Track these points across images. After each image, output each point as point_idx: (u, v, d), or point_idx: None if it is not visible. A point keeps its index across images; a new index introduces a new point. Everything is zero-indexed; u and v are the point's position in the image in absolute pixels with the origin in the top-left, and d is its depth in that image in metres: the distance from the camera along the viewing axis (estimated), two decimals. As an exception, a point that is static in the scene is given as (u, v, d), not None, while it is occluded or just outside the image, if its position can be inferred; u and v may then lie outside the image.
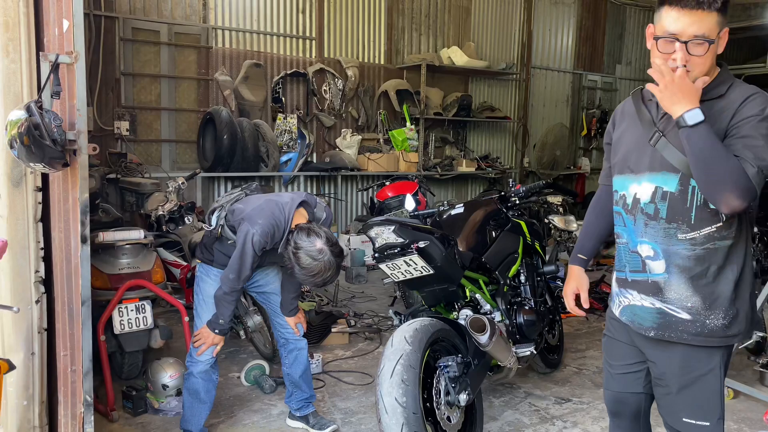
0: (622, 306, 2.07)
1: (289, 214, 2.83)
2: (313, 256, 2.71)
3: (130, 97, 6.66)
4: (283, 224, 2.81)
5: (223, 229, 2.93)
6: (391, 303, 5.71)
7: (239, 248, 2.75)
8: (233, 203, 2.95)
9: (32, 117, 2.17)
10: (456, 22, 9.02)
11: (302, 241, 2.73)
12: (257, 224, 2.73)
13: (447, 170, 8.72)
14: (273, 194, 3.01)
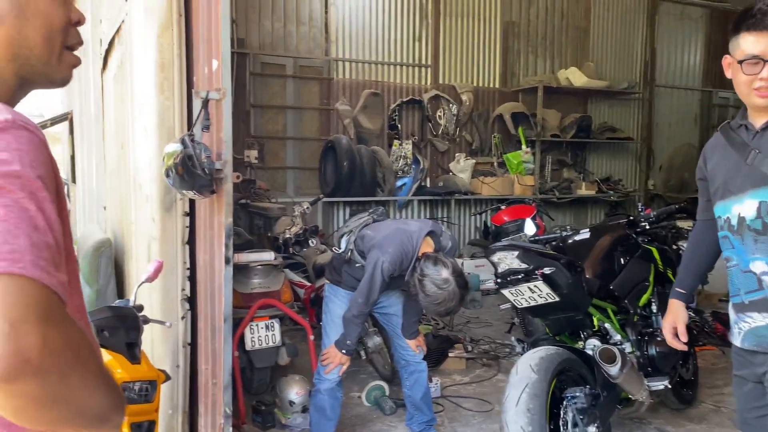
0: (743, 332, 2.00)
1: (417, 242, 2.91)
2: (438, 284, 2.76)
3: (259, 127, 7.10)
4: (411, 252, 2.89)
5: (352, 253, 3.05)
6: (509, 329, 5.61)
7: (369, 274, 2.85)
8: (362, 228, 3.07)
9: (186, 149, 2.39)
10: (574, 42, 8.83)
11: (428, 269, 2.79)
12: (387, 252, 2.83)
13: (565, 193, 8.48)
14: (401, 222, 3.10)
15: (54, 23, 0.90)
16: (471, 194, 7.80)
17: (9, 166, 0.74)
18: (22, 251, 0.69)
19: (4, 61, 0.88)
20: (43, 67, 0.92)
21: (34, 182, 0.75)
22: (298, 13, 7.20)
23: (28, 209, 0.73)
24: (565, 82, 8.31)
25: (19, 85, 0.92)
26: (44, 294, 0.69)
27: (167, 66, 2.83)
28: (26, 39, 0.88)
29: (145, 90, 3.08)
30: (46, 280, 0.70)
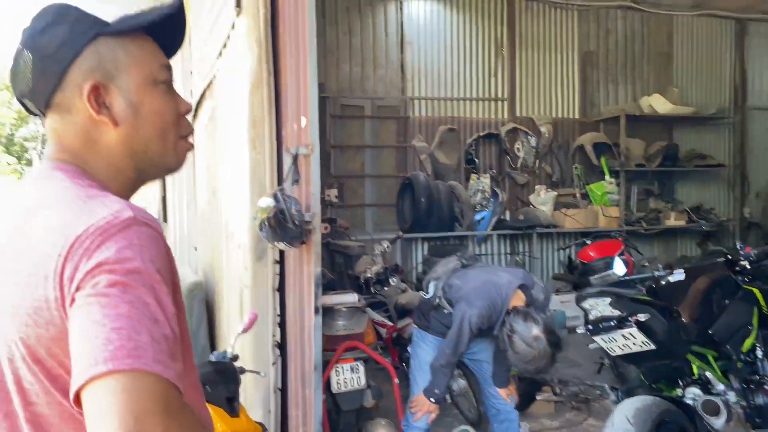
0: None
1: (507, 296, 2.85)
2: (528, 342, 2.68)
3: (338, 166, 7.28)
4: (500, 306, 2.84)
5: (440, 300, 3.04)
6: (598, 370, 5.39)
7: (456, 327, 2.83)
8: (451, 275, 3.06)
9: (278, 204, 2.50)
10: (656, 68, 8.57)
11: (518, 325, 2.71)
12: (475, 306, 2.79)
13: (653, 224, 8.14)
14: (490, 271, 3.02)
15: (166, 119, 0.99)
16: (553, 227, 7.63)
17: (132, 263, 0.80)
18: (145, 347, 0.75)
19: (125, 157, 0.97)
20: (159, 159, 1.00)
21: (153, 276, 0.81)
22: (375, 56, 7.38)
23: (148, 304, 0.79)
24: (649, 110, 8.06)
25: (138, 178, 1.01)
26: (164, 387, 0.74)
27: (258, 123, 2.97)
28: (143, 136, 0.97)
29: (238, 145, 3.25)
30: (166, 374, 0.75)
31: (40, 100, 0.94)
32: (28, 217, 0.88)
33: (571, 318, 6.43)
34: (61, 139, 0.96)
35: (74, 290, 0.79)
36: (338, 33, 7.19)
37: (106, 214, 0.84)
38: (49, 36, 0.92)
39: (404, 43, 7.50)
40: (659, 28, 8.55)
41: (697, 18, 8.63)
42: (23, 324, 0.84)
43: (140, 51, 0.97)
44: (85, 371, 0.73)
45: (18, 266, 0.85)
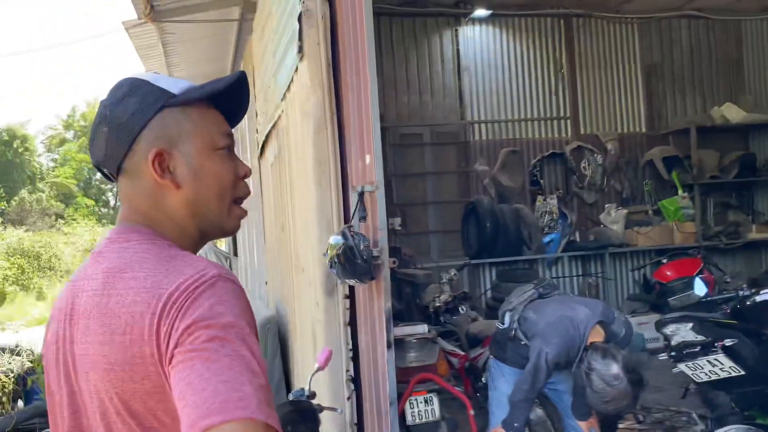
0: None
1: (585, 333, 2.76)
2: (607, 381, 2.56)
3: (400, 194, 7.33)
4: (578, 343, 2.74)
5: (516, 332, 2.99)
6: (683, 395, 5.12)
7: (533, 364, 2.77)
8: (526, 307, 3.00)
9: (347, 241, 2.54)
10: (725, 76, 8.24)
11: (597, 362, 2.59)
12: (551, 344, 2.72)
13: (733, 238, 7.75)
14: (567, 305, 2.90)
15: (225, 181, 1.05)
16: (626, 246, 7.39)
17: (225, 318, 0.86)
18: (250, 397, 0.80)
19: (187, 217, 1.04)
20: (218, 220, 1.06)
21: (245, 329, 0.87)
22: (431, 83, 7.45)
23: (244, 356, 0.84)
24: (721, 120, 7.74)
25: (200, 237, 1.07)
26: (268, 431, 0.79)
27: (324, 162, 3.05)
28: (203, 198, 1.04)
29: (304, 183, 3.34)
30: (270, 421, 0.80)
31: (112, 166, 1.03)
32: (115, 279, 0.94)
33: (651, 340, 6.17)
34: (131, 202, 1.04)
35: (173, 347, 0.85)
36: (395, 63, 7.31)
37: (193, 273, 0.90)
38: (123, 107, 1.01)
39: (461, 68, 7.54)
40: (726, 34, 8.24)
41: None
42: (119, 380, 0.90)
43: (202, 120, 1.04)
44: (197, 422, 0.78)
45: (110, 325, 0.91)
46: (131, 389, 0.89)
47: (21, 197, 23.09)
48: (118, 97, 1.02)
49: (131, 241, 0.99)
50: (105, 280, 0.95)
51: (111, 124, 1.01)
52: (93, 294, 0.95)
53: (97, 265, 0.99)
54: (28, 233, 17.47)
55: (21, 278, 15.32)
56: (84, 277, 1.00)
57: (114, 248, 1.00)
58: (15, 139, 25.45)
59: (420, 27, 7.42)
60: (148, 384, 0.89)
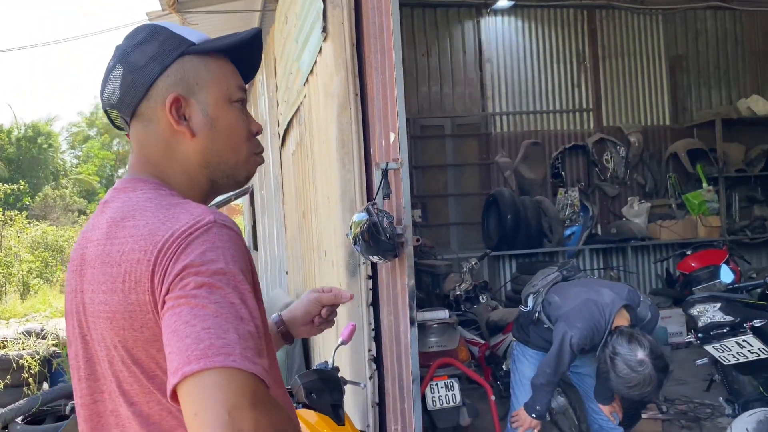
0: None
1: (610, 316, 2.72)
2: (631, 366, 2.52)
3: (421, 186, 7.32)
4: (603, 327, 2.70)
5: (540, 315, 2.97)
6: (707, 388, 5.06)
7: (557, 347, 2.74)
8: (550, 289, 2.98)
9: (371, 217, 2.55)
10: (752, 68, 8.11)
11: (622, 347, 2.56)
12: (576, 327, 2.68)
13: (759, 233, 7.62)
14: (592, 288, 2.85)
15: (239, 134, 1.06)
16: (648, 240, 7.30)
17: (216, 264, 0.85)
18: (233, 345, 0.79)
19: (199, 167, 1.04)
20: (231, 171, 1.07)
21: (237, 276, 0.86)
22: (453, 75, 7.43)
23: (234, 303, 0.83)
24: (747, 112, 7.61)
25: (211, 188, 1.08)
26: (253, 382, 0.78)
27: (347, 142, 3.06)
28: (217, 148, 1.04)
29: (327, 165, 3.35)
30: (254, 369, 0.78)
31: (126, 110, 1.03)
32: (117, 227, 0.94)
33: (674, 334, 6.10)
34: (143, 148, 1.04)
35: (165, 293, 0.85)
36: (416, 54, 7.30)
37: (188, 219, 0.90)
38: (141, 51, 1.01)
39: (483, 60, 7.50)
40: (753, 26, 8.11)
41: (796, 12, 8.12)
42: (120, 328, 0.90)
43: (220, 70, 1.05)
44: (178, 369, 0.77)
45: (112, 273, 0.92)
46: (133, 337, 0.90)
47: (45, 193, 23.45)
48: (136, 41, 1.03)
49: (137, 191, 0.99)
50: (108, 230, 0.95)
51: (128, 67, 1.01)
52: (98, 243, 0.96)
53: (103, 215, 1.00)
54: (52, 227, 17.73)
55: (45, 271, 15.55)
56: (92, 228, 1.01)
57: (120, 197, 1.00)
58: (39, 136, 25.86)
59: (442, 18, 7.40)
60: (147, 332, 0.89)
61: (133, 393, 0.93)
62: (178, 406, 0.79)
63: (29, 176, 24.43)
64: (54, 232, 17.29)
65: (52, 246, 16.50)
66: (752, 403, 2.93)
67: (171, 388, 0.78)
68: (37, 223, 17.49)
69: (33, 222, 17.33)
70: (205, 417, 0.74)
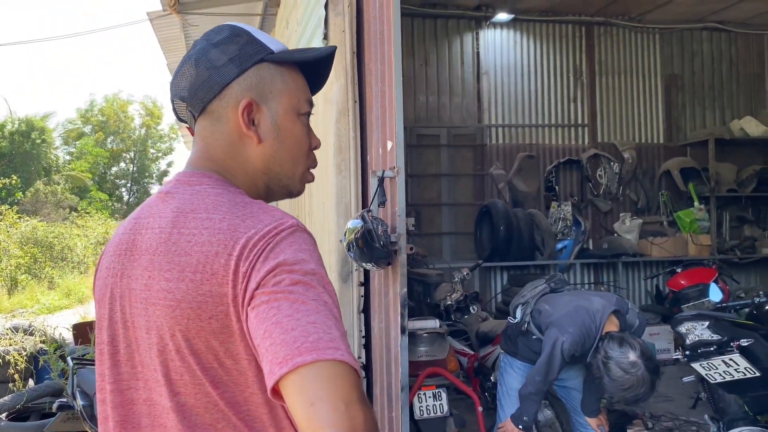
0: None
1: (600, 322, 2.76)
2: (624, 368, 2.57)
3: (415, 195, 7.34)
4: (594, 332, 2.74)
5: (528, 325, 2.99)
6: (693, 405, 5.09)
7: (547, 353, 2.76)
8: (539, 300, 3.01)
9: (366, 224, 2.56)
10: (746, 90, 8.20)
11: (613, 351, 2.61)
12: (567, 332, 2.72)
13: (748, 253, 7.68)
14: (581, 296, 2.93)
15: (302, 147, 1.09)
16: (639, 256, 7.34)
17: (308, 264, 0.88)
18: (339, 340, 0.81)
19: (260, 172, 1.06)
20: (287, 181, 1.09)
21: (325, 278, 0.89)
22: (450, 86, 7.47)
23: (327, 302, 0.86)
24: (740, 133, 7.69)
25: (266, 194, 1.09)
26: (358, 378, 0.81)
27: (344, 148, 3.08)
28: (280, 157, 1.06)
29: (324, 171, 3.36)
30: (356, 365, 0.81)
31: (197, 104, 1.04)
32: (186, 218, 0.95)
33: (662, 351, 6.12)
34: (207, 145, 1.05)
35: (254, 287, 0.86)
36: (414, 64, 7.34)
37: (270, 220, 0.92)
38: (221, 51, 1.02)
39: (480, 73, 7.55)
40: (748, 48, 8.21)
41: (791, 36, 8.23)
42: (184, 317, 0.90)
43: (293, 82, 1.07)
44: (288, 360, 0.78)
45: (179, 262, 0.92)
46: (197, 327, 0.90)
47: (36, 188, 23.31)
48: (217, 40, 1.04)
49: (203, 185, 1.00)
50: (175, 218, 0.96)
51: (206, 64, 1.02)
52: (160, 231, 0.96)
53: (165, 204, 1.00)
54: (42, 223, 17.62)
55: (33, 267, 15.44)
56: (149, 215, 1.01)
57: (185, 189, 1.00)
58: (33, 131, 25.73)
59: (441, 28, 7.45)
60: (215, 323, 0.89)
61: (181, 383, 0.93)
62: (278, 400, 0.81)
63: (21, 171, 24.28)
64: (44, 228, 17.18)
65: (41, 242, 16.39)
66: (737, 422, 2.95)
67: (278, 377, 0.79)
68: (27, 218, 17.37)
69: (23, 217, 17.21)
70: (324, 407, 0.75)
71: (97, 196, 28.54)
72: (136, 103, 32.55)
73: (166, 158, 33.18)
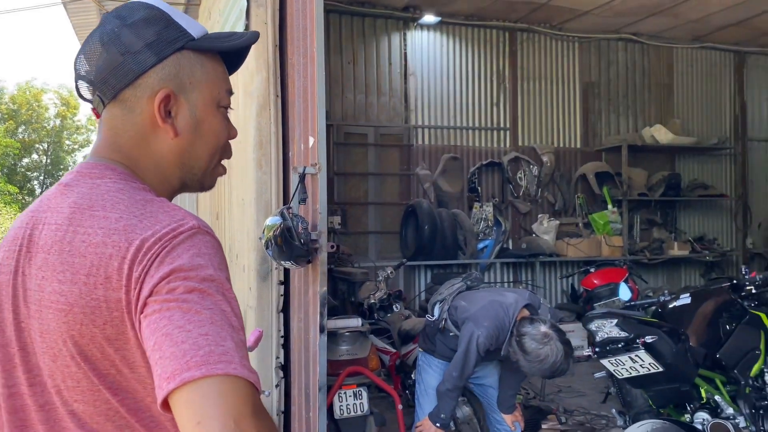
0: None
1: (514, 315, 2.83)
2: (538, 340, 2.65)
3: (341, 193, 7.31)
4: (507, 325, 2.82)
5: (446, 323, 3.02)
6: (604, 400, 5.32)
7: (463, 348, 2.80)
8: (455, 297, 3.05)
9: (285, 222, 2.50)
10: (657, 99, 8.66)
11: (525, 328, 2.70)
12: (482, 326, 2.77)
13: (656, 254, 8.12)
14: (496, 292, 3.02)
15: (220, 140, 1.03)
16: (556, 256, 7.61)
17: (206, 270, 0.82)
18: (232, 353, 0.76)
19: (173, 167, 1.00)
20: (201, 176, 1.03)
21: (224, 284, 0.84)
22: (378, 85, 7.48)
23: (225, 311, 0.81)
24: (650, 140, 8.12)
25: (179, 188, 1.03)
26: (251, 391, 0.76)
27: (265, 143, 3.00)
28: (196, 152, 1.00)
29: (244, 166, 3.27)
30: (251, 378, 0.77)
31: (107, 92, 0.96)
32: (83, 215, 0.88)
33: (576, 348, 6.34)
34: (116, 135, 0.98)
35: (147, 295, 0.80)
36: (342, 62, 7.30)
37: (170, 221, 0.85)
38: (137, 34, 0.94)
39: (408, 73, 7.60)
40: (660, 60, 8.67)
41: (697, 50, 8.76)
42: (77, 322, 0.84)
43: (214, 72, 1.00)
44: (176, 375, 0.74)
45: (73, 264, 0.85)
46: (90, 333, 0.84)
47: (-63, 179, 21.67)
48: (132, 21, 0.95)
49: (104, 178, 0.92)
50: (71, 215, 0.88)
51: (119, 47, 0.93)
52: (56, 228, 0.89)
53: (64, 197, 0.92)
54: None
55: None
56: (47, 209, 0.93)
57: (85, 182, 0.93)
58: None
59: (369, 27, 7.45)
60: (110, 330, 0.83)
61: (78, 390, 0.86)
62: (167, 413, 0.76)
63: None
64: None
65: (-60, 237, 15.25)
66: (642, 415, 3.09)
67: (166, 393, 0.74)
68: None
69: None
70: (211, 425, 0.71)
71: (5, 189, 26.84)
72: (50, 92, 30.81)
73: (82, 150, 31.55)
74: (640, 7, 7.28)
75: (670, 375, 2.79)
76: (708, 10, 7.38)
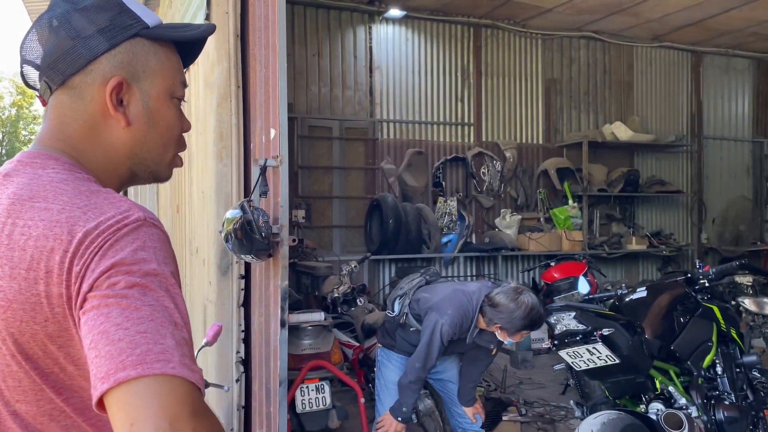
0: None
1: (477, 302, 2.84)
2: (510, 295, 2.70)
3: (306, 187, 7.26)
4: (471, 313, 2.83)
5: (406, 317, 3.02)
6: (563, 391, 5.42)
7: (427, 337, 2.81)
8: (416, 291, 3.05)
9: (245, 215, 2.47)
10: (617, 97, 8.84)
11: (494, 291, 2.74)
12: (446, 314, 2.78)
13: (615, 248, 8.31)
14: (459, 283, 3.05)
15: (173, 132, 1.01)
16: (518, 250, 7.72)
17: (148, 265, 0.79)
18: (171, 351, 0.74)
19: (124, 157, 0.97)
20: (155, 167, 1.01)
21: (168, 279, 0.81)
22: (343, 78, 7.44)
23: (167, 307, 0.78)
24: (610, 137, 8.28)
25: (129, 179, 1.00)
26: (190, 390, 0.73)
27: (225, 135, 2.95)
28: (149, 142, 0.98)
29: (204, 158, 3.22)
30: (191, 377, 0.74)
31: (56, 77, 0.92)
32: (22, 207, 0.84)
33: (537, 340, 6.47)
34: (63, 123, 0.94)
35: (87, 290, 0.77)
36: (307, 54, 7.24)
37: (114, 212, 0.82)
38: (89, 18, 0.91)
39: (373, 67, 7.58)
40: (620, 58, 8.84)
41: (656, 49, 8.96)
42: (16, 319, 0.81)
43: (168, 62, 0.98)
44: (110, 375, 0.72)
45: (12, 258, 0.81)
46: (30, 331, 0.80)
47: None
48: (83, 5, 0.91)
49: (47, 168, 0.88)
50: (11, 206, 0.84)
51: (69, 32, 0.90)
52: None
53: (2, 188, 0.87)
54: None
55: None
56: None
57: (26, 173, 0.88)
58: None
59: (334, 20, 7.40)
60: (52, 327, 0.80)
61: (20, 390, 0.83)
62: (103, 413, 0.73)
63: None
64: None
65: None
66: (599, 406, 3.16)
67: (100, 393, 0.71)
68: None
69: None
70: (144, 427, 0.69)
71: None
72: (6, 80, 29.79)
73: (38, 141, 30.64)
74: (601, 6, 7.41)
75: (625, 367, 2.86)
76: (666, 10, 7.55)
